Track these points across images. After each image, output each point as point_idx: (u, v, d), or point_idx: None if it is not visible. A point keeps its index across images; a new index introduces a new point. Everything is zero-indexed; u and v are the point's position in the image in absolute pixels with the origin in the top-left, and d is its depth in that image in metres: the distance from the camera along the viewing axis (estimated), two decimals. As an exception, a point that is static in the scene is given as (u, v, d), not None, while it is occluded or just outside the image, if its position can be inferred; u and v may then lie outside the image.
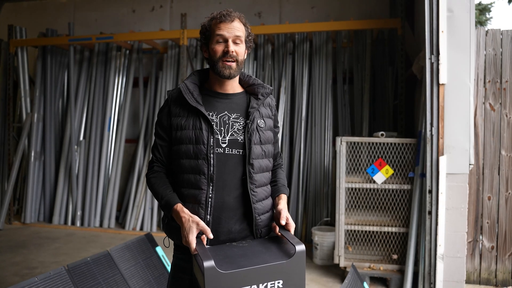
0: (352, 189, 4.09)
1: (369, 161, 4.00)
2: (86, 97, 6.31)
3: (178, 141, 1.69)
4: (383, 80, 5.42)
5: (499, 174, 3.90)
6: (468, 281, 3.87)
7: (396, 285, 3.81)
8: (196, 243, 1.52)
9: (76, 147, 6.15)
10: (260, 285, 1.46)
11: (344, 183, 4.00)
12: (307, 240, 5.24)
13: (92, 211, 5.99)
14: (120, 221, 6.12)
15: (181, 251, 1.72)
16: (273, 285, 1.48)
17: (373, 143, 3.97)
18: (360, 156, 4.04)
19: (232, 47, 1.65)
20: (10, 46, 6.27)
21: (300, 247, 1.51)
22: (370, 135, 5.10)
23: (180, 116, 1.69)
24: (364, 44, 5.47)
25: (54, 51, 6.36)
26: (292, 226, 1.63)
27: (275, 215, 1.69)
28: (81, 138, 6.26)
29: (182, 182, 1.69)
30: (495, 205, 3.91)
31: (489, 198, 3.92)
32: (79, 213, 6.00)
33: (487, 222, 3.92)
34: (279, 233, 1.64)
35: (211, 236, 1.54)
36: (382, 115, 5.39)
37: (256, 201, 1.69)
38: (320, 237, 4.51)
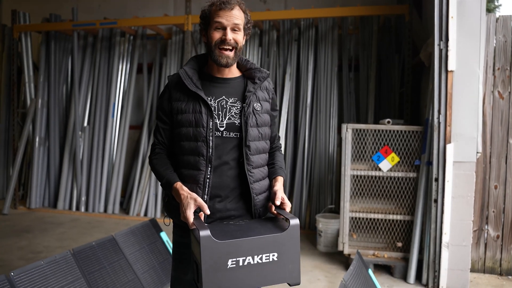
0: (357, 176, 4.07)
1: (374, 148, 3.98)
2: (90, 83, 6.28)
3: (178, 124, 1.74)
4: (389, 67, 5.36)
5: (506, 163, 3.87)
6: (472, 270, 3.86)
7: (400, 272, 3.81)
8: (194, 218, 1.57)
9: (80, 133, 6.15)
10: (255, 256, 1.51)
11: (349, 170, 3.98)
12: (311, 227, 5.24)
13: (97, 197, 6.00)
14: (124, 207, 6.13)
15: (180, 228, 1.79)
16: (268, 257, 1.52)
17: (379, 131, 3.94)
18: (365, 144, 4.02)
19: (230, 35, 1.68)
20: (13, 31, 6.23)
21: (294, 221, 1.56)
22: (376, 123, 5.05)
23: (181, 101, 1.74)
24: (371, 30, 5.41)
25: (58, 37, 6.32)
26: (287, 205, 1.67)
27: (271, 196, 1.75)
28: (85, 124, 6.25)
29: (182, 163, 1.75)
30: (501, 194, 3.89)
31: (495, 187, 3.90)
32: (83, 198, 6.02)
33: (493, 211, 3.90)
34: (275, 212, 1.69)
35: (208, 212, 1.59)
36: (387, 103, 5.35)
37: (253, 182, 1.75)
38: (324, 224, 4.50)
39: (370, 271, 3.26)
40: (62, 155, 6.30)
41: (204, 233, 1.46)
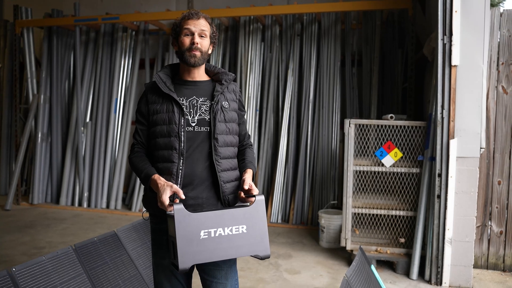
0: (360, 172, 4.05)
1: (377, 144, 3.96)
2: (92, 78, 6.27)
3: (154, 123, 1.94)
4: (392, 62, 5.33)
5: (510, 158, 3.84)
6: (475, 266, 3.85)
7: (403, 268, 3.80)
8: (170, 202, 1.73)
9: (82, 128, 6.15)
10: (226, 228, 1.68)
11: (352, 166, 3.96)
12: (314, 223, 5.23)
13: (99, 193, 6.01)
14: (127, 203, 6.14)
15: (156, 217, 1.96)
16: (237, 229, 1.70)
17: (382, 126, 3.92)
18: (368, 139, 4.00)
19: (197, 39, 1.92)
20: (15, 27, 6.22)
21: (260, 197, 1.76)
22: (379, 118, 5.04)
23: (156, 103, 1.95)
24: (374, 25, 5.37)
25: (60, 32, 6.31)
26: (255, 190, 1.86)
27: (241, 184, 1.94)
28: (88, 119, 6.25)
29: (158, 158, 1.94)
30: (505, 190, 3.87)
31: (499, 183, 3.87)
32: (86, 194, 6.02)
33: (497, 207, 3.88)
34: (243, 196, 1.86)
35: (183, 196, 1.77)
36: (390, 98, 5.32)
37: (221, 170, 1.93)
38: (327, 220, 4.49)
39: (373, 267, 3.25)
40: (64, 151, 6.30)
41: (178, 206, 1.64)
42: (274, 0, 6.00)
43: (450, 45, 3.47)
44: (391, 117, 3.94)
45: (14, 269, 2.26)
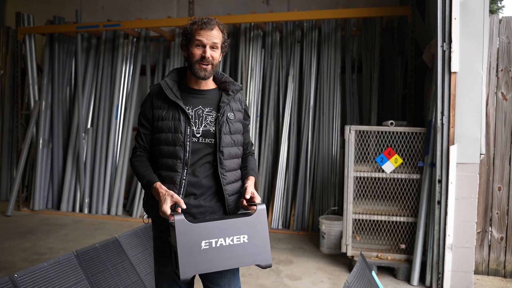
0: (360, 178, 4.06)
1: (378, 150, 3.97)
2: (94, 85, 6.30)
3: (159, 130, 1.92)
4: (392, 69, 5.35)
5: (510, 164, 3.86)
6: (476, 272, 3.85)
7: (403, 274, 3.80)
8: (171, 212, 1.71)
9: (83, 134, 6.17)
10: (227, 238, 1.67)
11: (352, 172, 3.98)
12: (315, 229, 5.23)
13: (100, 199, 6.02)
14: (128, 209, 6.14)
15: (159, 224, 1.95)
16: (238, 239, 1.68)
17: (382, 132, 3.93)
18: (368, 145, 4.01)
19: (208, 53, 1.87)
20: (18, 33, 6.25)
21: (261, 206, 1.75)
22: (379, 124, 5.05)
23: (161, 109, 1.92)
24: (373, 32, 5.40)
25: (62, 39, 6.34)
26: (257, 199, 1.84)
27: (243, 192, 1.91)
28: (89, 125, 6.27)
29: (161, 165, 1.92)
30: (505, 195, 3.87)
31: (499, 189, 3.88)
32: (87, 200, 6.03)
33: (497, 213, 3.89)
34: (246, 204, 1.85)
35: (184, 206, 1.75)
36: (390, 105, 5.34)
37: (226, 184, 1.92)
38: (328, 226, 4.50)
39: (374, 273, 3.26)
40: (65, 156, 6.31)
41: (179, 217, 1.63)
42: (274, 7, 6.04)
43: (450, 52, 3.50)
44: (391, 123, 3.95)
45: (16, 275, 2.27)
